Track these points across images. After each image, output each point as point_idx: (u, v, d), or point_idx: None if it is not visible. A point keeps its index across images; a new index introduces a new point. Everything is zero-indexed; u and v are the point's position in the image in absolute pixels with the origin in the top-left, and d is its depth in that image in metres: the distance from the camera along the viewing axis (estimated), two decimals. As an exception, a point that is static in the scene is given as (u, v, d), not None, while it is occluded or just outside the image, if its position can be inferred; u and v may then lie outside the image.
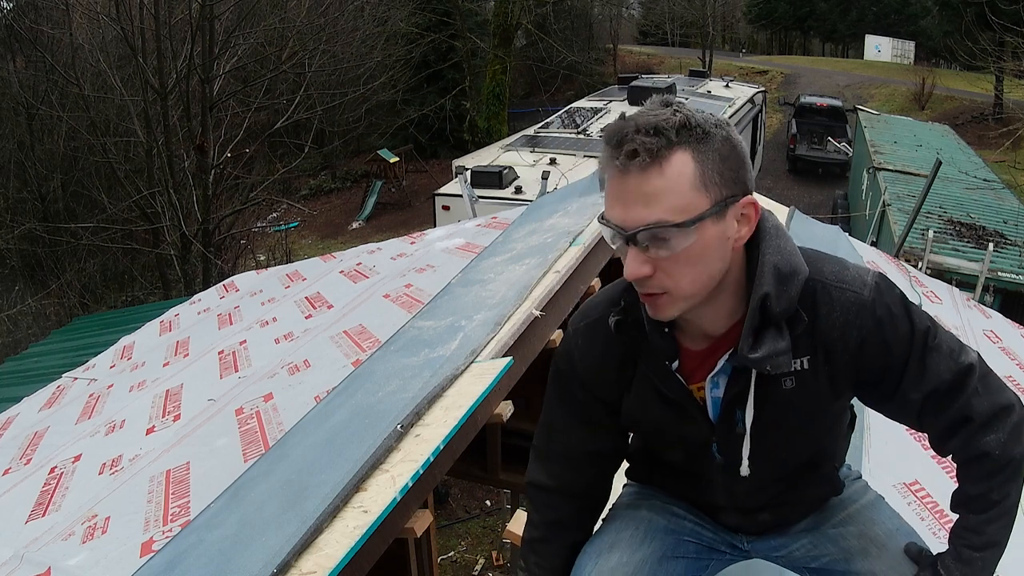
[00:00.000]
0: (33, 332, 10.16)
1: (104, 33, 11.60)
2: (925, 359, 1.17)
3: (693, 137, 1.03)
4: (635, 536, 1.38)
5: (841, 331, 1.15)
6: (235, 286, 5.15)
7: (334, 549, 1.67)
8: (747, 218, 1.10)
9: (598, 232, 3.68)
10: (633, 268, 1.07)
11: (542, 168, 10.09)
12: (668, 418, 1.27)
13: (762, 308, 1.12)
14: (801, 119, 20.11)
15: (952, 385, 1.18)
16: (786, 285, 1.12)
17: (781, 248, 1.14)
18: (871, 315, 1.15)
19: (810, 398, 1.20)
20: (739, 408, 1.22)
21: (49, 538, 2.26)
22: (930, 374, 1.17)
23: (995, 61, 15.92)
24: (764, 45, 41.84)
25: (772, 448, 1.26)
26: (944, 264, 7.92)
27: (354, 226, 19.77)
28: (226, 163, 11.01)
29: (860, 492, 1.43)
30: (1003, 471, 1.19)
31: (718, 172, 1.05)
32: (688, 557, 1.38)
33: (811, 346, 1.17)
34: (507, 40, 20.72)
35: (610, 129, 1.06)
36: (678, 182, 1.03)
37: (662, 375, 1.24)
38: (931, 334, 1.18)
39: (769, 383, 1.19)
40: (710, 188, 1.04)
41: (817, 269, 1.17)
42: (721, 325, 1.18)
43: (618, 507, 1.50)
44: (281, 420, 2.54)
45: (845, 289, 1.15)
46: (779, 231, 1.16)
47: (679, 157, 1.03)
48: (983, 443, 1.19)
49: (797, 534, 1.39)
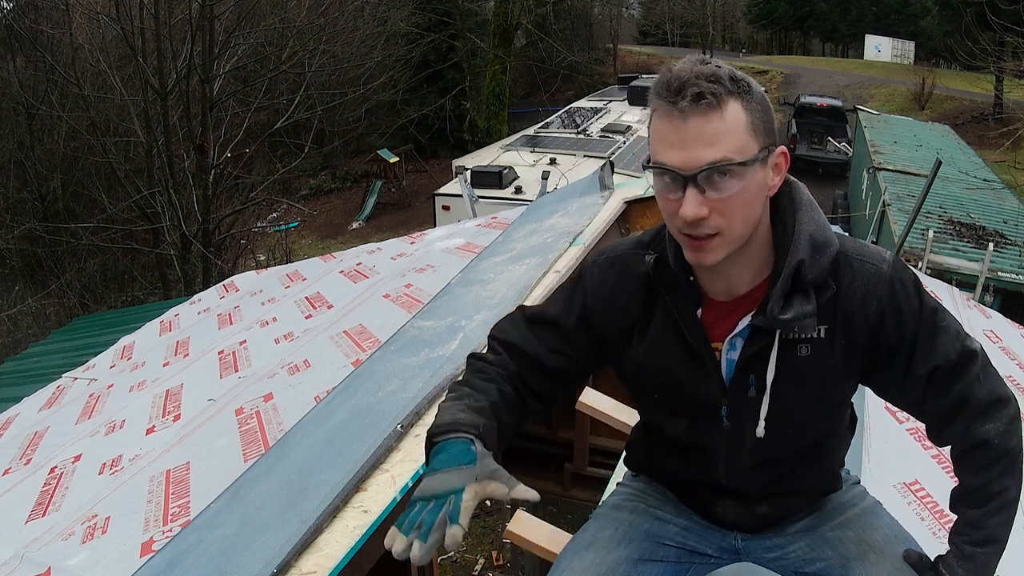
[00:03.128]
0: (33, 332, 10.16)
1: (104, 33, 11.61)
2: (934, 334, 1.21)
3: (740, 88, 1.10)
4: (614, 537, 1.38)
5: (862, 300, 1.19)
6: (235, 286, 5.15)
7: (334, 549, 1.67)
8: (779, 168, 1.17)
9: (598, 232, 3.68)
10: (692, 208, 1.09)
11: (542, 168, 10.11)
12: (683, 369, 1.27)
13: (795, 273, 1.16)
14: (801, 119, 20.09)
15: (956, 365, 1.20)
16: (820, 254, 1.17)
17: (816, 220, 1.20)
18: (889, 287, 1.19)
19: (823, 367, 1.22)
20: (753, 372, 1.23)
21: (49, 538, 2.26)
22: (938, 350, 1.20)
23: (995, 61, 15.93)
24: (764, 45, 41.85)
25: (782, 416, 1.26)
26: (944, 264, 7.92)
27: (354, 226, 19.77)
28: (226, 163, 11.02)
29: (859, 497, 1.43)
30: (1000, 462, 1.21)
31: (762, 121, 1.12)
32: (667, 561, 1.37)
33: (831, 315, 1.20)
34: (507, 40, 20.74)
35: (666, 77, 1.09)
36: (735, 126, 1.09)
37: (687, 320, 1.25)
38: (940, 314, 1.22)
39: (786, 348, 1.21)
40: (758, 135, 1.11)
41: (839, 242, 1.22)
42: (745, 284, 1.22)
43: (603, 507, 1.50)
44: (281, 420, 2.54)
45: (865, 261, 1.20)
46: (813, 204, 1.22)
47: (733, 104, 1.09)
48: (982, 431, 1.20)
49: (794, 535, 1.38)
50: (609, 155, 11.16)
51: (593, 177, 4.52)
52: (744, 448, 1.29)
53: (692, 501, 1.44)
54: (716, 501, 1.39)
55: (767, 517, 1.38)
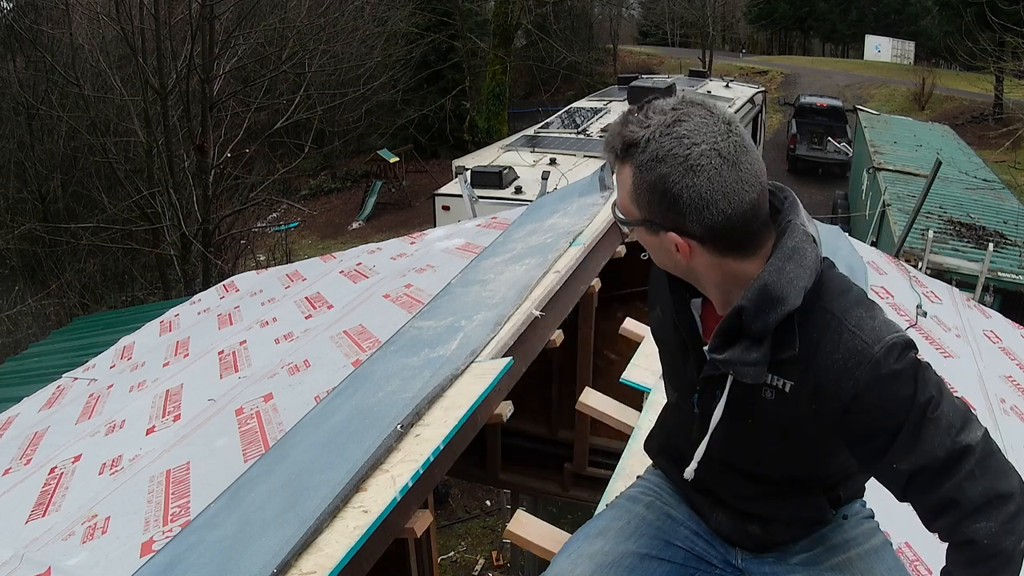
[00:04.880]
0: (33, 332, 10.17)
1: (104, 33, 11.61)
2: (920, 430, 1.11)
3: (635, 158, 1.14)
4: (625, 529, 1.40)
5: (837, 375, 1.12)
6: (235, 286, 5.14)
7: (334, 549, 1.67)
8: (681, 249, 1.16)
9: (598, 232, 3.68)
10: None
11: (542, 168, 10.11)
12: (676, 343, 1.35)
13: (736, 317, 1.15)
14: (801, 119, 20.10)
15: (944, 464, 1.11)
16: (767, 308, 1.12)
17: (782, 271, 1.12)
18: (873, 371, 1.10)
19: (788, 418, 1.19)
20: (718, 387, 1.25)
21: (49, 538, 2.26)
22: (922, 448, 1.11)
23: (995, 61, 15.95)
24: (764, 45, 41.85)
25: (739, 438, 1.27)
26: (944, 264, 7.92)
27: (354, 226, 19.78)
28: (226, 163, 11.02)
29: (865, 536, 1.38)
30: (990, 561, 1.11)
31: (647, 197, 1.15)
32: (674, 562, 1.38)
33: (802, 375, 1.15)
34: (507, 40, 20.75)
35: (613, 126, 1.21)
36: (622, 188, 1.20)
37: (680, 305, 1.32)
38: (932, 405, 1.11)
39: (748, 386, 1.20)
40: (638, 205, 1.17)
41: (842, 307, 1.15)
42: (728, 304, 1.22)
43: (621, 498, 1.52)
44: (281, 420, 2.54)
45: (856, 336, 1.12)
46: (795, 254, 1.13)
47: (627, 169, 1.17)
48: (971, 530, 1.11)
49: (793, 566, 1.37)
50: (609, 155, 11.07)
51: (593, 177, 4.52)
52: (708, 438, 1.30)
53: (692, 502, 1.45)
54: (709, 511, 1.41)
55: (759, 538, 1.38)
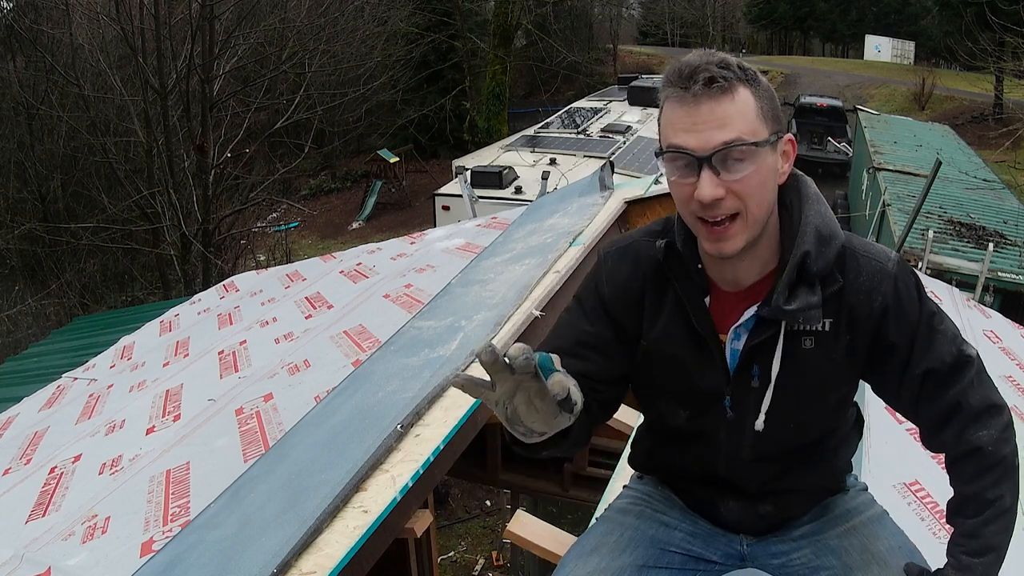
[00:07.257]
0: (33, 332, 10.17)
1: (104, 33, 11.61)
2: (932, 337, 1.23)
3: (749, 76, 1.14)
4: (619, 543, 1.37)
5: (867, 294, 1.21)
6: (235, 286, 5.14)
7: (334, 549, 1.67)
8: (787, 155, 1.20)
9: (598, 232, 3.68)
10: (709, 189, 1.11)
11: (542, 168, 10.12)
12: (689, 357, 1.27)
13: (801, 265, 1.18)
14: (801, 119, 20.06)
15: (951, 369, 1.22)
16: (825, 247, 1.20)
17: (822, 213, 1.23)
18: (893, 284, 1.22)
19: (825, 361, 1.23)
20: (757, 362, 1.24)
21: (49, 538, 2.26)
22: (934, 353, 1.22)
23: (995, 61, 15.94)
24: (764, 45, 41.84)
25: (782, 410, 1.26)
26: (944, 264, 7.91)
27: (354, 226, 19.77)
28: (226, 163, 11.02)
29: (865, 504, 1.42)
30: (994, 469, 1.21)
31: (770, 108, 1.16)
32: (672, 568, 1.37)
33: (836, 308, 1.22)
34: (507, 40, 20.76)
35: (677, 66, 1.13)
36: (746, 110, 1.12)
37: (696, 308, 1.26)
38: (938, 317, 1.24)
39: (790, 339, 1.22)
40: (767, 120, 1.15)
41: (847, 238, 1.25)
42: (752, 275, 1.23)
43: (609, 510, 1.49)
44: (281, 420, 2.54)
45: (871, 258, 1.23)
46: (820, 198, 1.25)
47: (743, 89, 1.13)
48: (975, 437, 1.21)
49: (798, 541, 1.37)
50: (609, 155, 11.16)
51: (593, 177, 4.52)
52: (744, 440, 1.29)
53: (697, 502, 1.43)
54: (720, 501, 1.39)
55: (771, 517, 1.38)
